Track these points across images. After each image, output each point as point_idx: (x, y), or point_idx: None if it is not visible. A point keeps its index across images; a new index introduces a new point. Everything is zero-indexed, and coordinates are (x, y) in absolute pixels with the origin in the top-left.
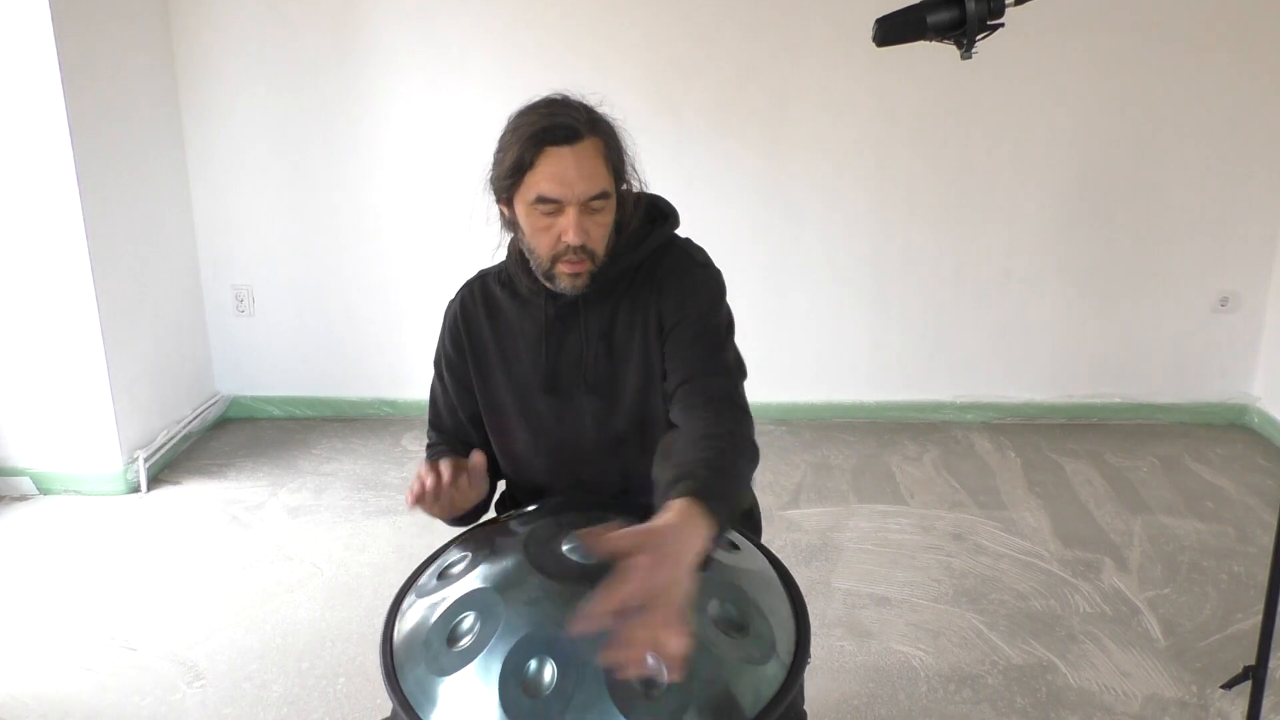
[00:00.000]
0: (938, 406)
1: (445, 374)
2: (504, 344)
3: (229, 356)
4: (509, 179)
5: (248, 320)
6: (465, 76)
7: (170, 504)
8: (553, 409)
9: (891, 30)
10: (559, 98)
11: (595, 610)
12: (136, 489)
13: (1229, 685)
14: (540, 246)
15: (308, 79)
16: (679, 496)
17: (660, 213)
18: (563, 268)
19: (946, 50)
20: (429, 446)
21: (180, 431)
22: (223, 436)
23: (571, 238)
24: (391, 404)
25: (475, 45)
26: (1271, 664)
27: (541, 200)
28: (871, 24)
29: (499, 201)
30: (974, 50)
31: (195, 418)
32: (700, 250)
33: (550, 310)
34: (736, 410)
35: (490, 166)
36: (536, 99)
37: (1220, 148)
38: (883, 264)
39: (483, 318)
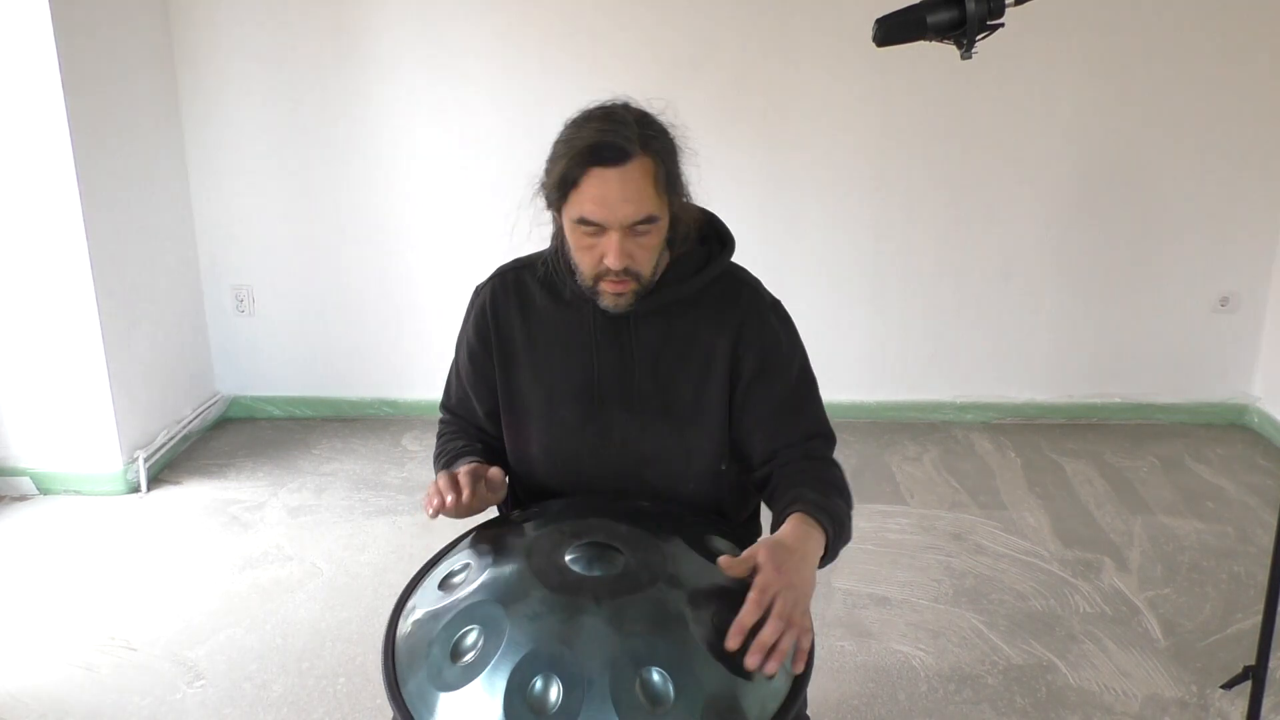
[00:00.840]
0: (938, 406)
1: (465, 362)
2: (535, 343)
3: (229, 356)
4: (556, 192)
5: (248, 320)
6: (465, 77)
7: (170, 504)
8: (579, 419)
9: (891, 30)
10: (616, 108)
11: (741, 624)
12: (136, 489)
13: (1229, 685)
14: (584, 264)
15: (308, 79)
16: (793, 513)
17: (717, 235)
18: (606, 287)
19: (946, 51)
20: (442, 423)
21: (180, 431)
22: (223, 436)
23: (613, 261)
24: (392, 404)
25: (475, 46)
26: (1271, 664)
27: (584, 221)
28: (871, 24)
29: (549, 208)
30: (974, 50)
31: (195, 418)
32: (761, 284)
33: (598, 320)
34: (839, 469)
35: (542, 173)
36: (594, 106)
37: (1220, 148)
38: (883, 264)
39: (514, 311)
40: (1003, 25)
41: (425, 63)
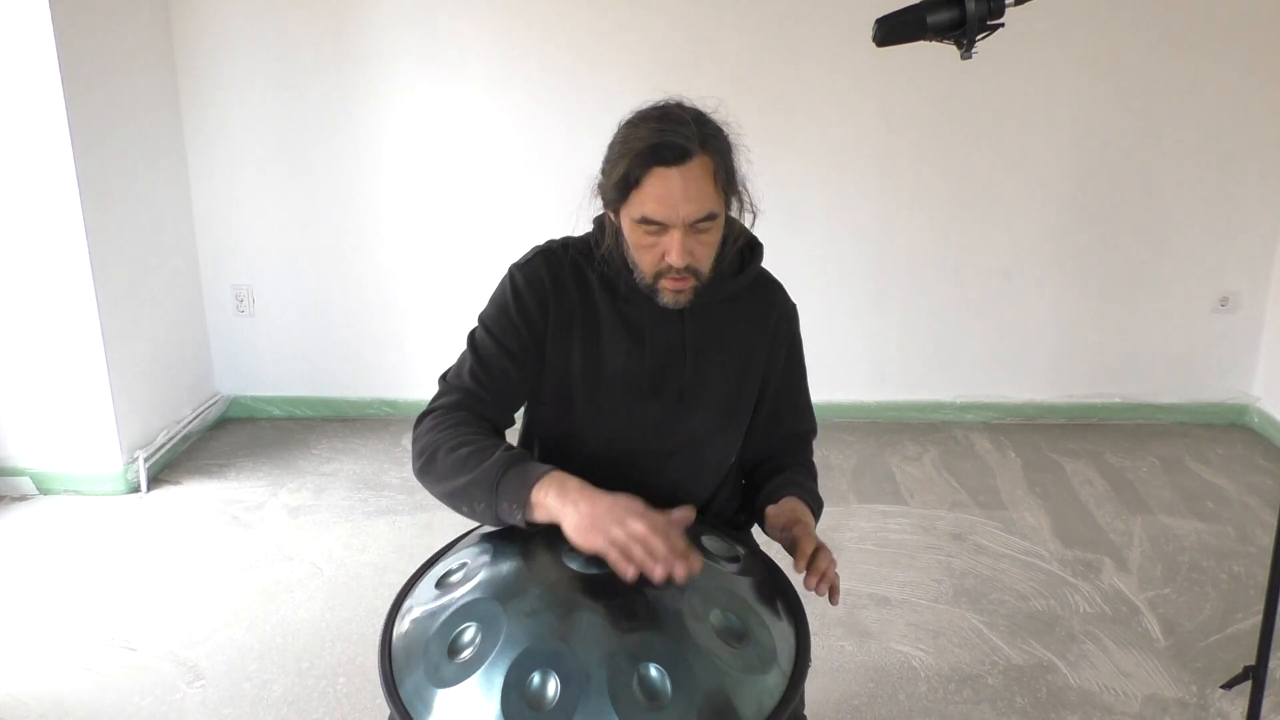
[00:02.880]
0: (938, 406)
1: (511, 325)
2: (588, 323)
3: (229, 356)
4: (615, 192)
5: (248, 320)
6: (465, 76)
7: (170, 504)
8: (619, 405)
9: (892, 30)
10: (673, 108)
11: (804, 551)
12: (136, 489)
13: (1229, 685)
14: (644, 263)
15: (308, 78)
16: (787, 494)
17: (746, 240)
18: (666, 284)
19: (947, 50)
20: (447, 408)
21: (180, 431)
22: (223, 436)
23: (676, 259)
24: (391, 404)
25: (475, 45)
26: (1271, 664)
27: (646, 221)
28: (871, 24)
29: (606, 208)
30: (974, 50)
31: (195, 418)
32: (783, 286)
33: (650, 313)
34: (810, 450)
35: (600, 173)
36: (650, 106)
37: (1220, 148)
38: (883, 264)
39: (571, 285)
40: (1003, 25)
41: (425, 62)
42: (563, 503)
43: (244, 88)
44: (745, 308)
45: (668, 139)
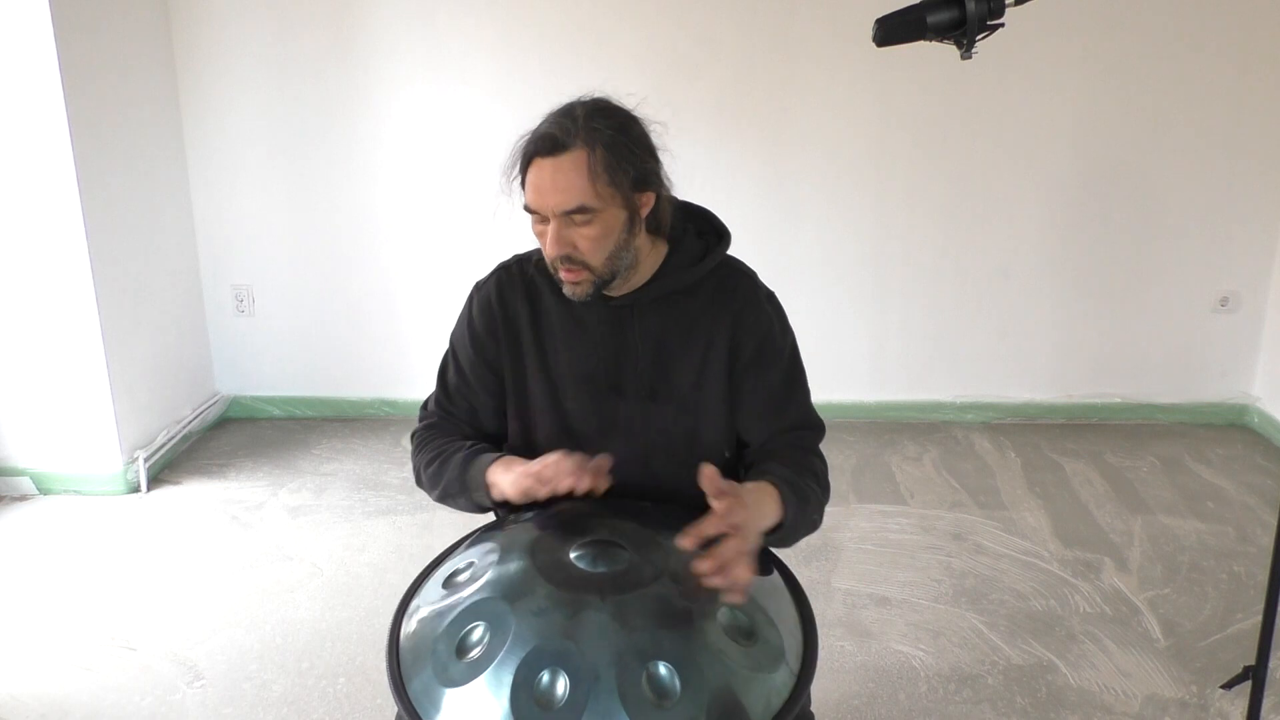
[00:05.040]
0: (938, 406)
1: (468, 354)
2: (542, 333)
3: (229, 356)
4: (514, 185)
5: (248, 320)
6: (465, 76)
7: (170, 504)
8: (585, 408)
9: (892, 30)
10: (576, 104)
11: (694, 532)
12: (136, 489)
13: (1229, 685)
14: (543, 252)
15: (308, 79)
16: (765, 480)
17: (714, 230)
18: (562, 275)
19: (947, 50)
20: (427, 427)
21: (180, 431)
22: (223, 436)
23: (548, 248)
24: (391, 404)
25: (476, 45)
26: (1271, 664)
27: (529, 210)
28: (871, 24)
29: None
30: (974, 50)
31: (195, 418)
32: (756, 275)
33: (601, 311)
34: (821, 460)
35: None
36: (563, 103)
37: (1220, 148)
38: (883, 264)
39: (521, 302)
40: (1003, 25)
41: (426, 63)
42: (507, 473)
43: (244, 88)
44: (705, 298)
45: (546, 131)
